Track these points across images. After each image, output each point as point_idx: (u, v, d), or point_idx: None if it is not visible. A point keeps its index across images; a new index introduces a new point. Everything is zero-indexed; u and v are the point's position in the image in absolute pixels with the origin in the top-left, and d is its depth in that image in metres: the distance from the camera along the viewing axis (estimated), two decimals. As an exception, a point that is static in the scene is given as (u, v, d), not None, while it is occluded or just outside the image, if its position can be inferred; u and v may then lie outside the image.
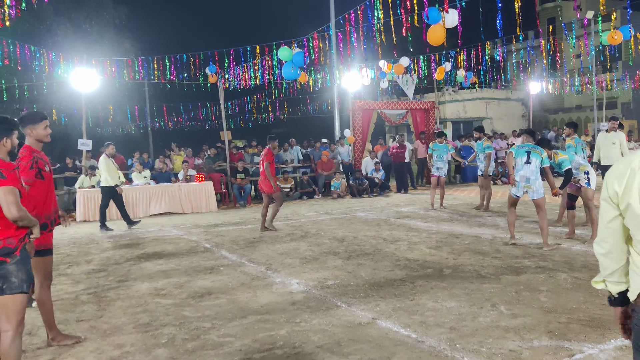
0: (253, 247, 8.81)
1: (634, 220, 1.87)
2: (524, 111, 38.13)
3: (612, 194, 1.95)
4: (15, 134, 3.66)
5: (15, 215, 3.35)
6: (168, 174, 15.29)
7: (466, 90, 34.29)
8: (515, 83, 35.40)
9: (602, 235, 2.06)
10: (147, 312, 5.39)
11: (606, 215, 2.00)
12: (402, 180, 17.00)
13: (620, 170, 1.93)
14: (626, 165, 1.91)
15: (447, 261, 7.08)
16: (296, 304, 5.47)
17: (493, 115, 36.60)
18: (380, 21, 12.20)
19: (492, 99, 36.81)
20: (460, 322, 4.71)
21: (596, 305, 4.99)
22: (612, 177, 1.96)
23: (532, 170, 7.70)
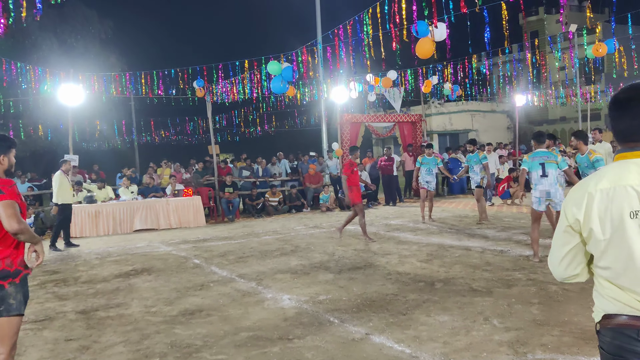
0: (243, 262, 8.75)
1: (597, 246, 1.83)
2: (509, 123, 38.51)
3: (572, 222, 1.89)
4: (12, 152, 3.62)
5: (16, 228, 3.29)
6: (155, 188, 15.19)
7: (452, 102, 34.61)
8: (501, 96, 35.77)
9: (565, 267, 1.97)
10: (138, 330, 5.32)
11: (567, 245, 1.93)
12: (390, 192, 17.04)
13: (577, 197, 1.88)
14: (582, 191, 1.86)
15: (438, 274, 7.09)
16: (288, 320, 5.43)
17: (479, 128, 36.93)
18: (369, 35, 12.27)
19: (478, 112, 37.18)
20: (454, 336, 4.71)
21: (587, 317, 5.00)
22: (570, 205, 1.90)
23: (551, 183, 7.43)
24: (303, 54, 15.10)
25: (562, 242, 1.96)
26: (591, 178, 1.89)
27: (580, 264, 1.95)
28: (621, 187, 1.79)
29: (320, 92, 18.41)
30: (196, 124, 32.24)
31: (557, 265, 1.99)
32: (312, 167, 17.03)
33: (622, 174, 1.81)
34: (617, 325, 1.82)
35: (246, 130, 34.42)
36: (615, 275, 1.82)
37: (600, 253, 1.83)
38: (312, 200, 17.02)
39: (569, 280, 2.01)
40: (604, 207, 1.80)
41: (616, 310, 1.83)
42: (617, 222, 1.78)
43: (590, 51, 13.07)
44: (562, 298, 5.69)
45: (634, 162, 1.83)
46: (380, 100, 22.75)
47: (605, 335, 1.86)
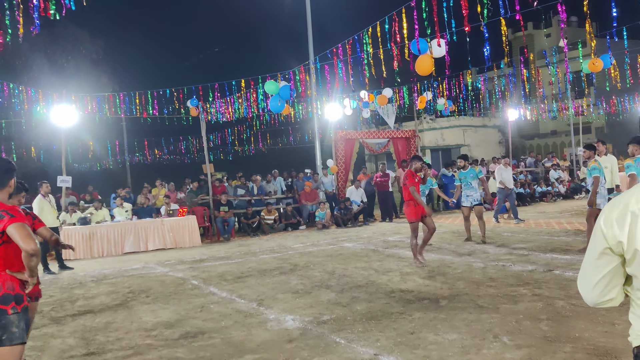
0: (242, 282, 8.63)
1: None
2: (500, 138, 38.73)
3: (614, 245, 1.76)
4: (14, 177, 3.63)
5: (34, 248, 3.25)
6: (150, 209, 15.04)
7: (444, 118, 34.78)
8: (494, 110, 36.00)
9: (599, 292, 1.85)
10: (139, 355, 5.18)
11: (604, 268, 1.81)
12: (386, 209, 16.98)
13: (617, 217, 1.75)
14: (623, 211, 1.74)
15: (442, 291, 7.00)
16: (293, 341, 5.31)
17: (470, 142, 37.10)
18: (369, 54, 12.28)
19: (470, 127, 37.37)
20: (465, 355, 4.61)
21: (599, 332, 4.93)
22: (609, 226, 1.77)
23: None
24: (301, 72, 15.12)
25: (596, 266, 1.83)
26: (629, 196, 1.78)
27: (616, 286, 1.84)
28: None
29: (313, 109, 18.41)
30: (190, 143, 32.15)
31: (590, 290, 1.87)
32: (308, 184, 16.97)
33: None
34: None
35: (239, 149, 34.36)
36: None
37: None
38: (308, 218, 16.93)
39: (603, 305, 1.89)
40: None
41: None
42: None
43: (586, 66, 13.15)
44: (571, 313, 5.61)
45: None
46: (374, 116, 22.80)
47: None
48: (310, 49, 18.02)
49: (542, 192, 20.31)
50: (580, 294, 2.50)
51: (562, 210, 16.36)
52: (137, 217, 14.31)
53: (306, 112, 21.73)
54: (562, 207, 17.56)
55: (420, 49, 8.56)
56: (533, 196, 19.96)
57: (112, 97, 18.26)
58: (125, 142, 31.78)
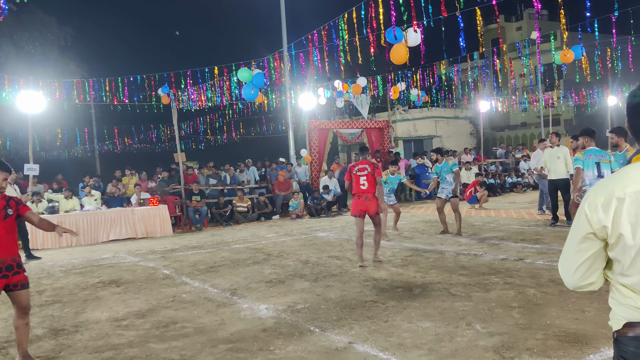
0: (215, 272, 8.54)
1: (626, 252, 1.73)
2: (471, 129, 39.13)
3: (598, 229, 1.77)
4: None
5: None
6: (120, 198, 14.79)
7: (416, 109, 34.96)
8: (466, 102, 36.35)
9: (580, 276, 1.86)
10: (110, 345, 5.08)
11: (585, 252, 1.83)
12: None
13: (603, 202, 1.76)
14: (608, 196, 1.75)
15: (415, 280, 7.03)
16: (267, 330, 5.27)
17: (442, 134, 37.38)
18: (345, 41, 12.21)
19: (442, 118, 37.62)
20: (438, 342, 4.63)
21: (569, 319, 5.01)
22: (594, 211, 1.78)
23: None
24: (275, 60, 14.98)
25: (578, 250, 1.84)
26: (613, 181, 1.78)
27: (597, 270, 1.85)
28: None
29: (287, 98, 18.29)
30: (161, 132, 31.62)
31: (571, 274, 1.88)
32: (282, 174, 16.88)
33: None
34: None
35: (211, 138, 33.96)
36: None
37: (629, 260, 1.73)
38: (281, 208, 16.86)
39: (583, 288, 1.90)
40: (634, 212, 1.70)
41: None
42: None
43: (558, 57, 13.34)
44: (542, 301, 5.69)
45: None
46: (347, 106, 22.79)
47: (628, 344, 1.77)
48: (283, 36, 17.87)
49: (512, 183, 20.62)
50: (550, 282, 2.48)
51: (532, 201, 16.61)
52: (107, 207, 14.06)
53: (280, 101, 21.58)
54: (532, 197, 17.83)
55: (396, 37, 8.53)
56: (503, 186, 20.24)
57: (81, 83, 17.83)
58: (95, 130, 31.01)
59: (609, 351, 4.18)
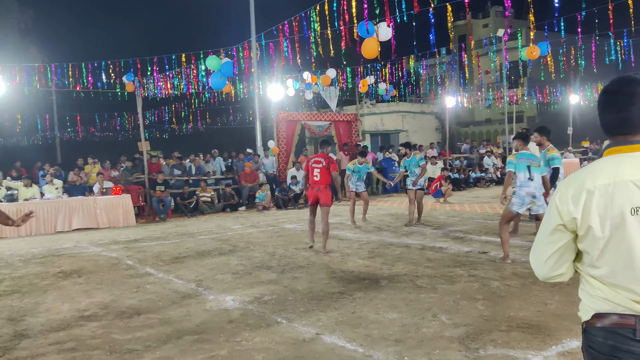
0: (180, 262, 8.43)
1: (594, 244, 1.76)
2: (437, 124, 39.60)
3: (567, 221, 1.80)
4: None
5: None
6: (82, 187, 14.45)
7: (384, 103, 35.17)
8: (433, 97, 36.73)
9: (551, 266, 1.89)
10: (72, 336, 4.96)
11: (555, 244, 1.85)
12: (326, 191, 16.99)
13: (573, 194, 1.79)
14: (579, 188, 1.78)
15: (382, 272, 7.08)
16: (234, 321, 5.23)
17: (409, 128, 37.72)
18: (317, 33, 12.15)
19: (408, 113, 37.97)
20: (405, 333, 4.67)
21: (532, 312, 5.11)
22: (564, 203, 1.80)
23: (537, 187, 7.25)
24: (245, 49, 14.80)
25: (549, 241, 1.87)
26: (584, 174, 1.80)
27: (567, 262, 1.88)
28: (621, 182, 1.72)
29: (255, 88, 18.13)
30: (124, 120, 30.98)
31: (542, 264, 1.91)
32: (249, 165, 16.76)
33: (620, 169, 1.75)
34: (612, 325, 1.76)
35: (176, 127, 33.48)
36: (611, 274, 1.76)
37: (598, 251, 1.76)
38: (247, 199, 16.75)
39: (553, 279, 1.93)
40: (603, 204, 1.73)
41: (610, 309, 1.77)
42: (618, 219, 1.72)
43: (525, 53, 13.56)
44: (505, 293, 5.80)
45: (629, 155, 1.77)
46: (316, 99, 22.75)
47: (597, 335, 1.80)
48: (252, 25, 17.68)
49: (476, 178, 20.95)
50: (513, 275, 2.49)
51: (495, 196, 16.90)
52: (69, 195, 13.72)
53: (247, 92, 21.38)
54: (495, 192, 18.15)
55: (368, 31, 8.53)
56: (467, 181, 20.55)
57: (42, 68, 17.29)
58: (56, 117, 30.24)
59: (570, 342, 4.28)
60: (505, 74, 23.44)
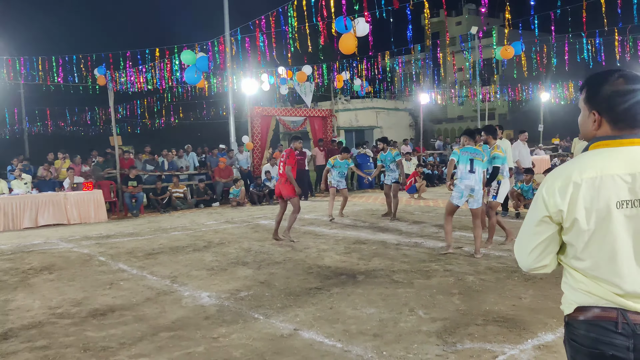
0: (153, 258, 8.31)
1: (579, 237, 1.78)
2: (411, 121, 39.88)
3: (554, 213, 1.81)
4: None
5: None
6: (52, 182, 14.14)
7: (358, 99, 35.28)
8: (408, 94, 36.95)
9: (535, 258, 1.90)
10: (44, 334, 4.84)
11: (540, 235, 1.86)
12: (302, 187, 16.95)
13: (560, 186, 1.79)
14: (566, 180, 1.79)
15: (358, 267, 7.09)
16: (210, 318, 5.18)
17: (383, 125, 37.93)
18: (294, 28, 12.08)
19: (382, 109, 38.16)
20: (383, 328, 4.68)
21: (507, 306, 5.17)
22: (551, 195, 1.81)
23: (477, 180, 7.39)
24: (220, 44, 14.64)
25: (534, 232, 1.88)
26: (571, 167, 1.81)
27: (551, 253, 1.89)
28: (608, 176, 1.74)
29: (229, 83, 17.96)
30: (96, 114, 30.37)
31: (526, 256, 1.91)
32: (223, 160, 16.61)
33: (608, 163, 1.76)
34: (594, 317, 1.78)
35: (149, 122, 32.99)
36: (594, 267, 1.77)
37: (582, 244, 1.78)
38: (221, 195, 16.61)
39: (537, 271, 1.94)
40: (590, 197, 1.74)
41: (592, 302, 1.79)
42: (604, 212, 1.73)
43: (499, 53, 13.71)
44: (480, 288, 5.86)
45: (618, 150, 1.79)
46: (290, 94, 22.67)
47: (579, 328, 1.81)
48: (225, 18, 17.48)
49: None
50: (488, 270, 2.49)
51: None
52: (38, 191, 13.41)
53: (221, 86, 21.18)
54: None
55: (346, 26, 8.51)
56: (441, 177, 20.71)
57: (10, 61, 16.83)
58: (24, 111, 29.51)
59: (545, 336, 4.35)
60: (479, 71, 23.71)
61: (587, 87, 1.92)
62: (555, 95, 29.54)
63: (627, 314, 1.74)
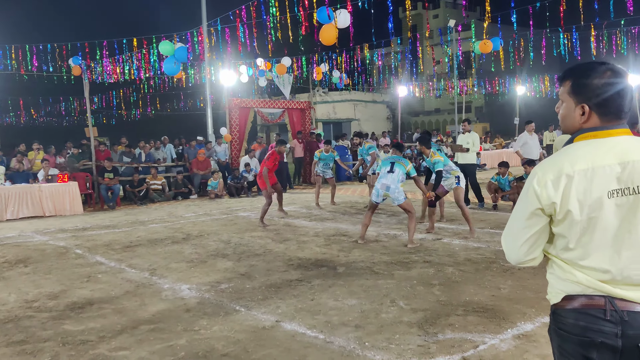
0: (131, 251, 8.22)
1: (572, 227, 1.79)
2: (388, 114, 40.06)
3: (546, 205, 1.81)
4: None
5: None
6: (26, 174, 13.87)
7: (336, 92, 35.29)
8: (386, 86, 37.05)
9: (525, 251, 1.90)
10: (20, 327, 4.76)
11: (532, 228, 1.86)
12: (281, 179, 16.90)
13: (552, 179, 1.80)
14: (557, 173, 1.79)
15: (339, 259, 7.10)
16: (191, 310, 5.14)
17: (360, 117, 38.05)
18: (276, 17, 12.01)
19: (360, 101, 38.27)
20: (364, 319, 4.71)
21: (487, 296, 5.24)
22: (543, 188, 1.81)
23: (394, 179, 7.81)
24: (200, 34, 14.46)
25: (525, 226, 1.88)
26: (562, 159, 1.82)
27: (540, 246, 1.90)
28: (600, 167, 1.76)
29: (207, 74, 17.77)
30: (70, 105, 29.78)
31: (516, 249, 1.91)
32: (201, 152, 16.47)
33: (599, 154, 1.78)
34: (582, 306, 1.80)
35: (124, 113, 32.51)
36: (584, 256, 1.79)
37: (575, 234, 1.79)
38: (199, 187, 16.48)
39: (526, 264, 1.93)
40: (582, 189, 1.76)
41: (580, 291, 1.81)
42: (597, 202, 1.75)
43: (478, 47, 13.81)
44: (460, 279, 5.92)
45: (606, 140, 1.81)
46: (269, 86, 22.54)
47: (567, 316, 1.83)
48: (203, 7, 17.25)
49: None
50: (467, 261, 2.49)
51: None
52: (12, 182, 13.14)
53: (199, 77, 20.95)
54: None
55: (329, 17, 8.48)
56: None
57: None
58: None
59: (525, 325, 4.41)
60: (457, 64, 23.86)
61: (571, 79, 1.92)
62: (530, 89, 29.91)
63: (615, 301, 1.77)
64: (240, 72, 17.64)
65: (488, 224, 9.42)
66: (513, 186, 11.28)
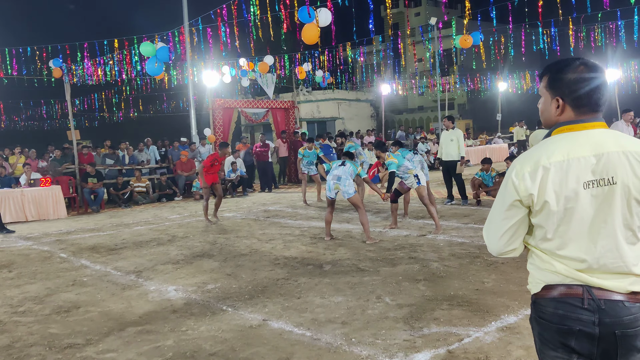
0: (117, 254, 8.19)
1: (549, 218, 1.84)
2: (372, 112, 40.17)
3: (524, 197, 1.86)
4: None
5: None
6: (8, 178, 13.72)
7: (320, 91, 35.30)
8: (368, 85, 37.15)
9: (506, 242, 1.95)
10: (6, 332, 4.74)
11: (511, 219, 1.92)
12: (266, 179, 16.94)
13: (529, 171, 1.85)
14: (534, 165, 1.85)
15: (325, 257, 7.14)
16: (178, 311, 5.15)
17: (344, 116, 38.10)
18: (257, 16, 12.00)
19: (344, 100, 38.32)
20: (351, 316, 4.75)
21: (471, 290, 5.31)
22: (521, 180, 1.86)
23: (345, 171, 8.02)
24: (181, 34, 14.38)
25: (504, 217, 1.93)
26: (539, 152, 1.87)
27: (520, 237, 1.96)
28: (575, 159, 1.81)
29: (189, 75, 17.70)
30: (51, 108, 29.46)
31: (497, 240, 1.97)
32: (184, 153, 16.41)
33: (574, 146, 1.84)
34: (561, 295, 1.85)
35: (107, 115, 32.23)
36: (561, 246, 1.85)
37: (552, 225, 1.85)
38: (184, 188, 16.43)
39: (506, 255, 1.99)
40: (558, 180, 1.81)
41: (559, 280, 1.87)
42: (572, 193, 1.81)
43: (458, 42, 13.94)
44: (444, 274, 5.99)
45: (581, 133, 1.87)
46: (252, 85, 22.49)
47: (547, 305, 1.89)
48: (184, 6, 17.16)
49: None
50: (451, 256, 2.53)
51: (429, 180, 17.34)
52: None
53: (182, 78, 20.85)
54: (431, 176, 18.59)
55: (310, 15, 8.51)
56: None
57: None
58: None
59: (508, 318, 4.49)
60: (439, 61, 24.01)
61: (549, 74, 1.98)
62: (512, 85, 30.19)
63: (592, 290, 1.83)
64: (222, 72, 17.57)
65: (472, 220, 9.51)
66: (496, 182, 11.42)
